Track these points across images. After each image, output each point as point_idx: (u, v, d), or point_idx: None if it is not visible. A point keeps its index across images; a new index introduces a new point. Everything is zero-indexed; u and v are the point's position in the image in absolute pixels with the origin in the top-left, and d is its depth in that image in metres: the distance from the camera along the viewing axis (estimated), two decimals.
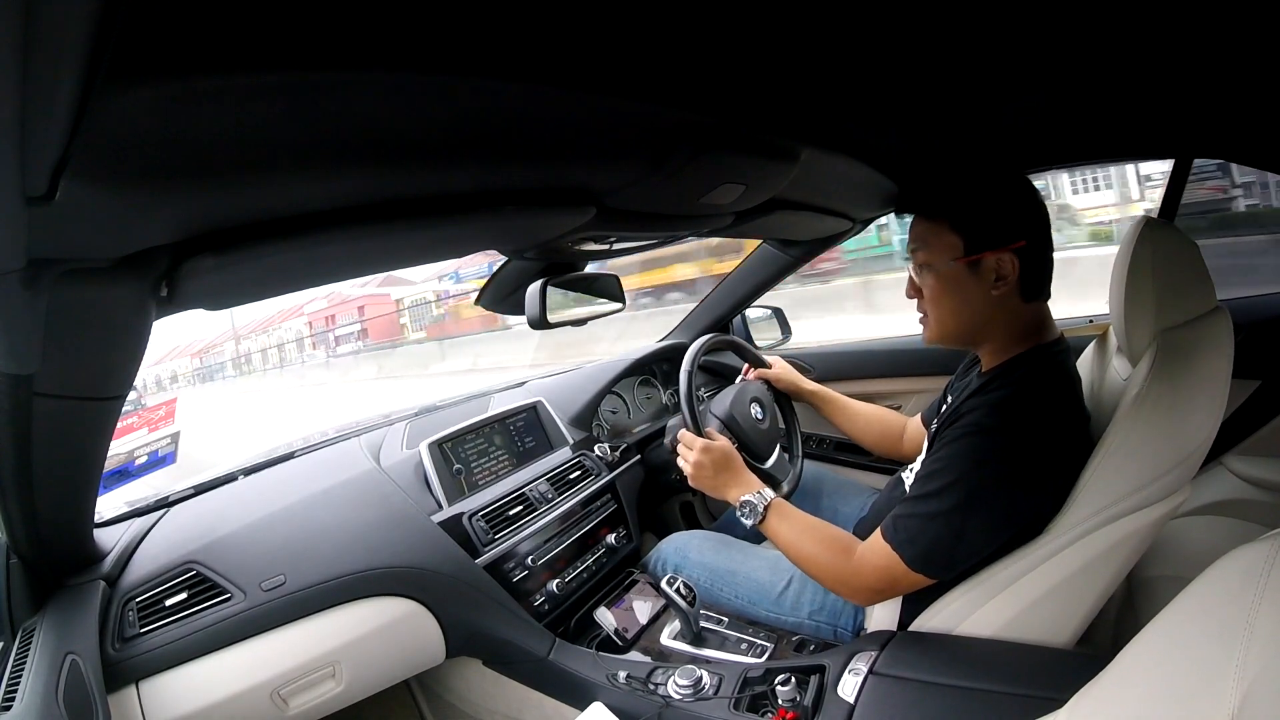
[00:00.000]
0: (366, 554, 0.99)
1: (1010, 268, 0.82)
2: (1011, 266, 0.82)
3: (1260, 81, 0.80)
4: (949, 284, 0.86)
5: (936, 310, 0.89)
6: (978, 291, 0.84)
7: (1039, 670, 0.78)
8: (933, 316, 0.90)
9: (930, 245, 0.86)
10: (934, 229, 0.86)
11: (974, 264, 0.83)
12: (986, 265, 0.83)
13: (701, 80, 0.62)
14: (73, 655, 0.73)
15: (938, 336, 0.91)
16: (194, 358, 27.94)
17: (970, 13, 0.56)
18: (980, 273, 0.83)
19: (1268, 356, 1.29)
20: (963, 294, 0.85)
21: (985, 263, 0.83)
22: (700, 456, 1.03)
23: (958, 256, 0.84)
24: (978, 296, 0.84)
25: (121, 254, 0.49)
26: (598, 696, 0.95)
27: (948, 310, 0.88)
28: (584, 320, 1.11)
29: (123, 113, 0.34)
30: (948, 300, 0.87)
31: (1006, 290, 0.83)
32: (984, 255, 0.82)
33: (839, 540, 0.90)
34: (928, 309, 0.90)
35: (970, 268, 0.83)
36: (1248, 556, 0.43)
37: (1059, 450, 0.80)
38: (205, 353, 27.68)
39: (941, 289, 0.87)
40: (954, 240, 0.84)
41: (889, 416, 1.30)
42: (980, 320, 0.87)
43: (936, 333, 0.91)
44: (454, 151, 0.56)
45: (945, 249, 0.85)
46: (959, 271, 0.84)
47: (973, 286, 0.84)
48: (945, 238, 0.84)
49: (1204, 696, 0.40)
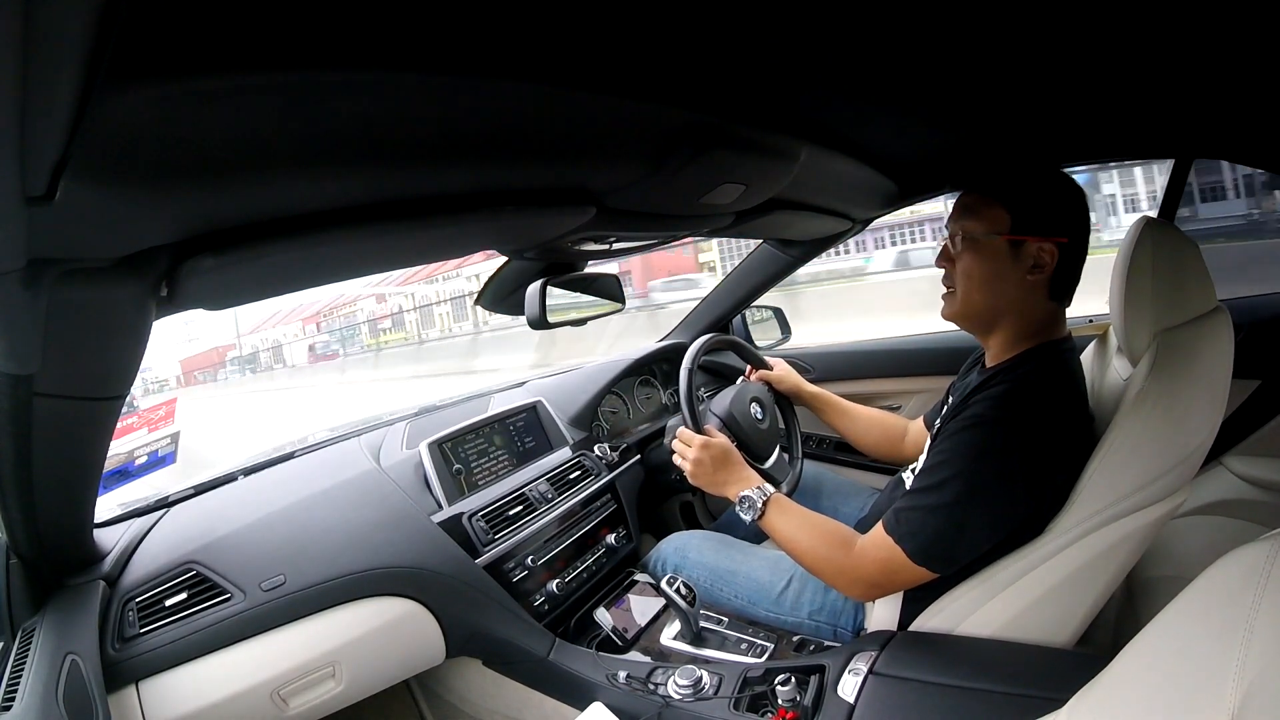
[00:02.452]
0: (366, 554, 0.99)
1: (1049, 258, 0.82)
2: (1050, 257, 0.82)
3: (1260, 81, 0.80)
4: (986, 257, 0.85)
5: (966, 283, 0.88)
6: (1013, 273, 0.84)
7: (1039, 670, 0.78)
8: (960, 289, 0.89)
9: (979, 215, 0.86)
10: (986, 201, 0.86)
11: (1016, 245, 0.83)
12: (1028, 249, 0.83)
13: (702, 80, 0.62)
14: (73, 655, 0.73)
15: (959, 312, 0.90)
16: (306, 324, 23.74)
17: (970, 13, 0.56)
18: (1020, 255, 0.83)
19: (1268, 356, 1.29)
20: (997, 271, 0.85)
21: (1028, 246, 0.83)
22: (699, 453, 1.03)
23: (1003, 232, 0.84)
24: (1011, 278, 0.84)
25: (121, 254, 0.49)
26: (598, 696, 0.95)
27: (977, 284, 0.87)
28: (584, 320, 1.11)
29: (123, 113, 0.34)
30: (979, 273, 0.86)
31: (1039, 281, 0.83)
32: (1029, 239, 0.82)
33: (839, 534, 0.90)
34: (957, 281, 0.89)
35: (1012, 247, 0.83)
36: (1248, 556, 0.43)
37: (1061, 445, 0.80)
38: (323, 317, 23.37)
39: (977, 261, 0.86)
40: (1003, 216, 0.84)
41: (889, 420, 1.30)
42: (1004, 304, 0.87)
43: (960, 308, 0.90)
44: (454, 151, 0.56)
45: (993, 221, 0.84)
46: (1000, 248, 0.84)
47: (1009, 266, 0.84)
48: (995, 211, 0.84)
49: (1204, 696, 0.40)
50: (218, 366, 25.53)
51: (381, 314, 20.54)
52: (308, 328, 23.58)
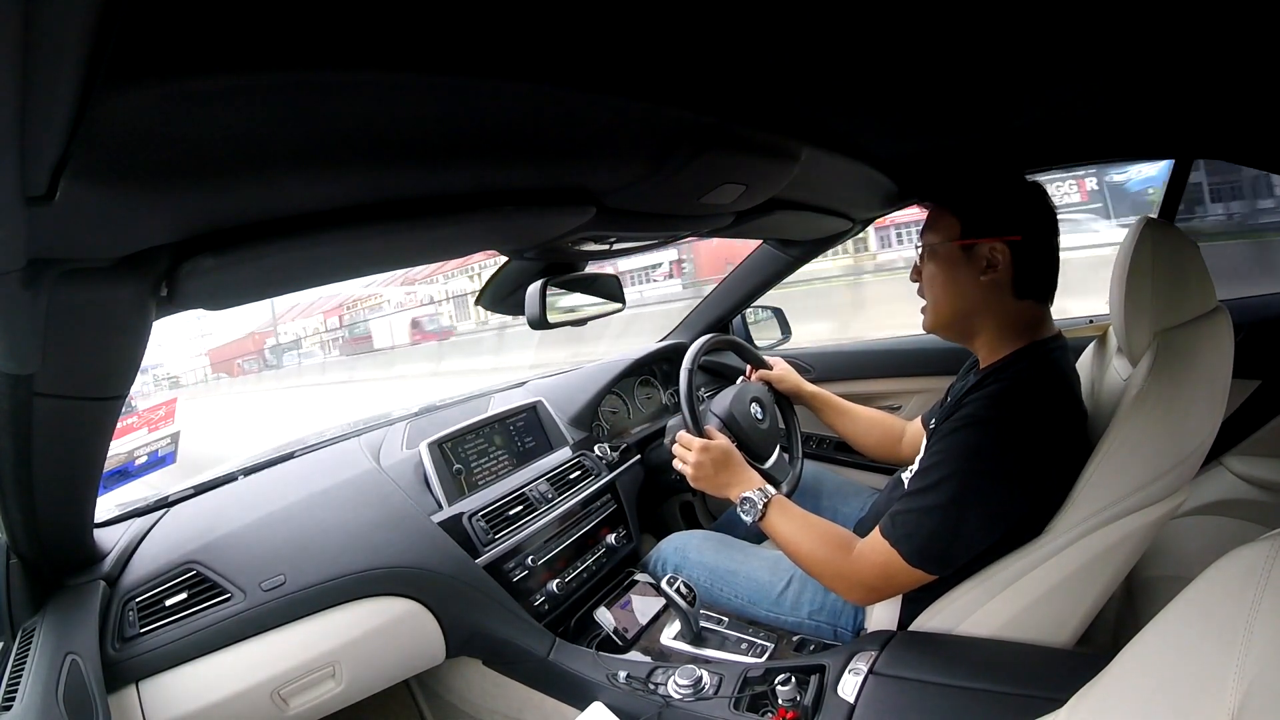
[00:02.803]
0: (366, 554, 0.99)
1: (1001, 258, 0.85)
2: (1003, 257, 0.85)
3: (1260, 81, 0.80)
4: (943, 265, 0.90)
5: (931, 292, 0.93)
6: (968, 276, 0.88)
7: (1039, 670, 0.78)
8: (929, 299, 0.94)
9: (934, 227, 0.92)
10: (939, 212, 0.91)
11: (968, 249, 0.87)
12: (979, 252, 0.87)
13: (702, 80, 0.62)
14: (73, 655, 0.73)
15: (933, 322, 0.95)
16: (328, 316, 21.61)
17: (971, 13, 0.56)
18: (973, 258, 0.87)
19: (1268, 356, 1.28)
20: (954, 277, 0.89)
21: (979, 249, 0.86)
22: (700, 456, 1.03)
23: (954, 238, 0.88)
24: (967, 281, 0.88)
25: (121, 254, 0.48)
26: (598, 696, 0.95)
27: (940, 291, 0.92)
28: (584, 320, 1.11)
29: (122, 113, 0.34)
30: (940, 280, 0.91)
31: (995, 279, 0.86)
32: (978, 241, 0.86)
33: (838, 537, 0.90)
34: (926, 293, 0.94)
35: (964, 251, 0.88)
36: (1248, 556, 0.43)
37: (1054, 443, 0.80)
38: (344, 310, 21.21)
39: (936, 270, 0.91)
40: (954, 223, 0.89)
41: (888, 421, 1.31)
42: (969, 307, 0.90)
43: (933, 318, 0.94)
44: (454, 151, 0.56)
45: (945, 231, 0.90)
46: (954, 254, 0.89)
47: (964, 271, 0.88)
48: (947, 221, 0.90)
49: (1204, 696, 0.40)
50: (255, 355, 22.60)
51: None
52: (330, 320, 21.67)
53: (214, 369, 23.33)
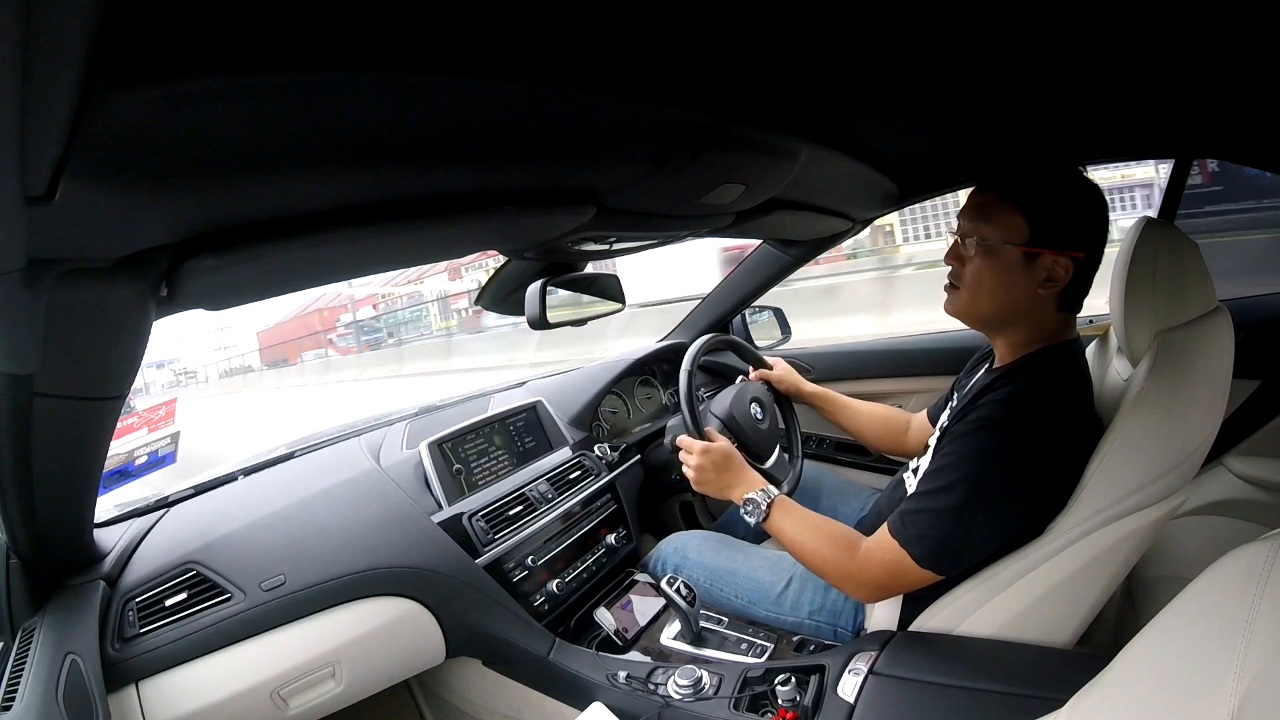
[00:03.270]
0: (366, 554, 0.99)
1: (1064, 273, 0.81)
2: (1065, 272, 0.81)
3: (1260, 81, 0.80)
4: (999, 266, 0.83)
5: (975, 287, 0.86)
6: (1024, 284, 0.82)
7: (1039, 670, 0.78)
8: (967, 291, 0.87)
9: (995, 221, 0.83)
10: (1005, 208, 0.83)
11: (1031, 256, 0.81)
12: (1043, 262, 0.81)
13: (702, 79, 0.62)
14: (73, 655, 0.73)
15: (962, 310, 0.89)
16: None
17: (970, 12, 0.56)
18: (1034, 267, 0.82)
19: (1268, 356, 1.28)
20: (1009, 281, 0.83)
21: (1043, 259, 0.81)
22: (701, 459, 1.03)
23: (1019, 243, 0.81)
24: (1022, 289, 0.83)
25: (121, 254, 0.48)
26: (598, 696, 0.95)
27: (986, 290, 0.85)
28: (584, 320, 1.11)
29: (123, 113, 0.34)
30: (990, 280, 0.85)
31: (1051, 294, 0.82)
32: (1045, 252, 0.81)
33: (843, 536, 0.90)
34: (965, 282, 0.87)
35: (1027, 259, 0.82)
36: (1248, 556, 0.43)
37: (1068, 447, 0.80)
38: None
39: (988, 268, 0.84)
40: (1021, 224, 0.81)
41: (891, 414, 1.30)
42: (1012, 313, 0.86)
43: (964, 307, 0.88)
44: (454, 152, 0.56)
45: (1010, 230, 0.82)
46: (1014, 258, 0.82)
47: (1021, 277, 0.82)
48: (1013, 219, 0.82)
49: (1204, 696, 0.40)
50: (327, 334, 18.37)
51: (456, 292, 15.36)
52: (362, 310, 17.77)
53: (265, 355, 19.69)
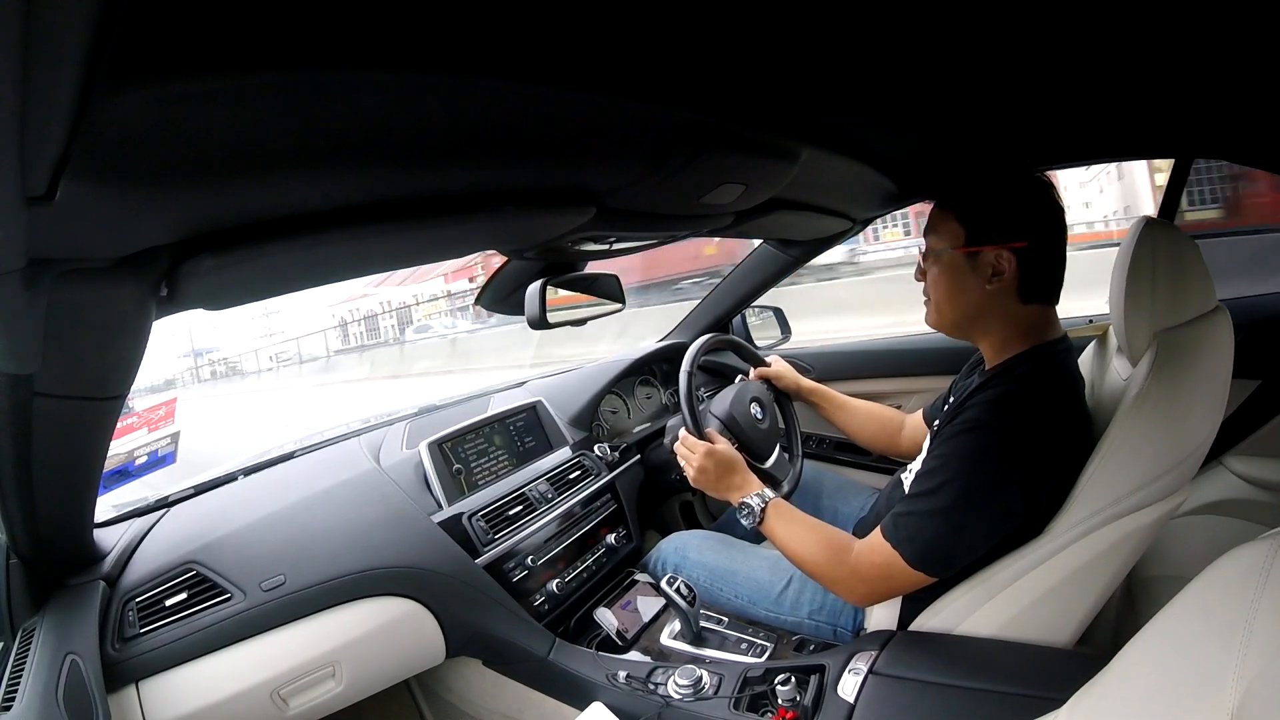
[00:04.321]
0: (366, 554, 0.99)
1: (1007, 265, 0.83)
2: (1009, 264, 0.83)
3: (1260, 81, 0.80)
4: (948, 271, 0.89)
5: (935, 294, 0.92)
6: (973, 283, 0.86)
7: (1039, 670, 0.78)
8: (932, 300, 0.93)
9: (938, 231, 0.89)
10: (943, 216, 0.89)
11: (972, 256, 0.86)
12: (984, 259, 0.85)
13: (701, 80, 0.62)
14: (73, 655, 0.73)
15: (935, 322, 0.94)
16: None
17: (970, 12, 0.56)
18: (978, 266, 0.85)
19: (1268, 356, 1.28)
20: (959, 283, 0.88)
21: (983, 256, 0.85)
22: (704, 461, 1.03)
23: (958, 246, 0.86)
24: (973, 288, 0.86)
25: (121, 254, 0.49)
26: (598, 696, 0.95)
27: (946, 298, 0.90)
28: (584, 320, 1.11)
29: (123, 113, 0.34)
30: (944, 286, 0.90)
31: (1002, 287, 0.85)
32: (983, 249, 0.84)
33: (837, 540, 0.90)
34: (930, 293, 0.93)
35: (969, 259, 0.86)
36: (1248, 556, 0.43)
37: (1058, 448, 0.80)
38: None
39: (940, 275, 0.90)
40: (957, 229, 0.87)
41: (887, 413, 1.31)
42: (974, 312, 0.89)
43: (934, 318, 0.94)
44: (454, 151, 0.56)
45: (949, 236, 0.87)
46: (958, 261, 0.87)
47: (969, 277, 0.86)
48: (951, 226, 0.87)
49: (1204, 696, 0.40)
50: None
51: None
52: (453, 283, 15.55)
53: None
